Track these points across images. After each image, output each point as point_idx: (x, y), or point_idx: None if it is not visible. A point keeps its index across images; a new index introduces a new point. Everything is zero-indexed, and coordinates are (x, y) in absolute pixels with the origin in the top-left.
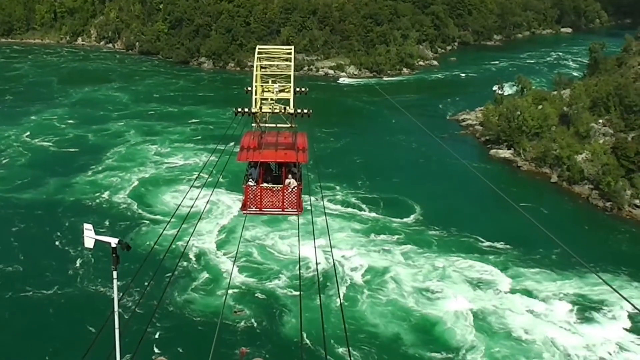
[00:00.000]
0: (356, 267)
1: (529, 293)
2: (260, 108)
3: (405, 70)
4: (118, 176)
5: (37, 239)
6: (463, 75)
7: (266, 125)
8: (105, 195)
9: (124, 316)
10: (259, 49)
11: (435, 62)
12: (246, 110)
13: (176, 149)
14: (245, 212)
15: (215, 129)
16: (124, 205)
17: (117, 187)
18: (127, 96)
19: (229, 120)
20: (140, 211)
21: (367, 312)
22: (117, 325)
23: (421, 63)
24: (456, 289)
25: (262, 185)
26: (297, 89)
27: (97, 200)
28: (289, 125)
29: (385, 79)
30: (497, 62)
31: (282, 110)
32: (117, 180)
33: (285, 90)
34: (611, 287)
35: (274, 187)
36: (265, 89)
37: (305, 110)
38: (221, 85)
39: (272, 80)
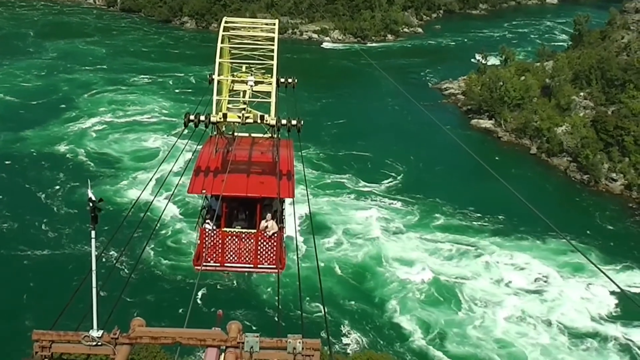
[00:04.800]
0: (328, 227)
1: (486, 257)
2: (225, 116)
3: (389, 36)
4: (85, 127)
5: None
6: (447, 43)
7: (234, 134)
8: (74, 147)
9: (101, 275)
10: (226, 21)
11: (420, 30)
12: (202, 118)
13: (148, 101)
14: (198, 267)
15: (192, 83)
16: (93, 158)
17: (87, 138)
18: (103, 50)
19: (206, 77)
20: (112, 165)
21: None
22: (94, 285)
23: (406, 30)
24: (417, 252)
25: (225, 229)
26: (282, 80)
27: (65, 152)
28: (269, 135)
29: (369, 44)
30: (481, 31)
31: (259, 120)
32: (84, 131)
33: (266, 82)
34: (587, 258)
35: (244, 232)
36: (237, 78)
37: (294, 122)
38: (201, 44)
39: (245, 68)
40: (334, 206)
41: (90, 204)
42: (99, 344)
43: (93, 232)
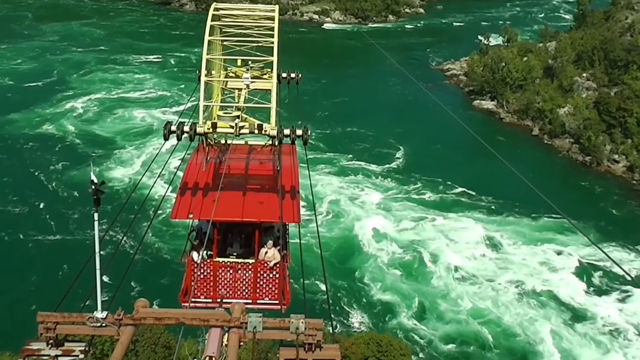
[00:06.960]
0: (328, 208)
1: (479, 232)
2: (214, 125)
3: (391, 17)
4: (80, 107)
5: None
6: (449, 24)
7: (227, 142)
8: (70, 127)
9: (104, 257)
10: (216, 8)
11: (421, 10)
12: (186, 129)
13: (146, 79)
14: (186, 304)
15: (192, 62)
16: (90, 139)
17: (81, 118)
18: (100, 32)
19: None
20: (107, 145)
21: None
22: (98, 267)
23: (407, 10)
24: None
25: (217, 260)
26: (284, 75)
27: (60, 133)
28: (269, 143)
29: (370, 25)
30: (484, 11)
31: (256, 131)
32: (79, 111)
33: (264, 76)
34: (584, 233)
35: (240, 262)
36: (229, 74)
37: (299, 132)
38: (199, 24)
39: (241, 62)
40: (324, 182)
41: (93, 187)
42: (103, 325)
43: (96, 215)
